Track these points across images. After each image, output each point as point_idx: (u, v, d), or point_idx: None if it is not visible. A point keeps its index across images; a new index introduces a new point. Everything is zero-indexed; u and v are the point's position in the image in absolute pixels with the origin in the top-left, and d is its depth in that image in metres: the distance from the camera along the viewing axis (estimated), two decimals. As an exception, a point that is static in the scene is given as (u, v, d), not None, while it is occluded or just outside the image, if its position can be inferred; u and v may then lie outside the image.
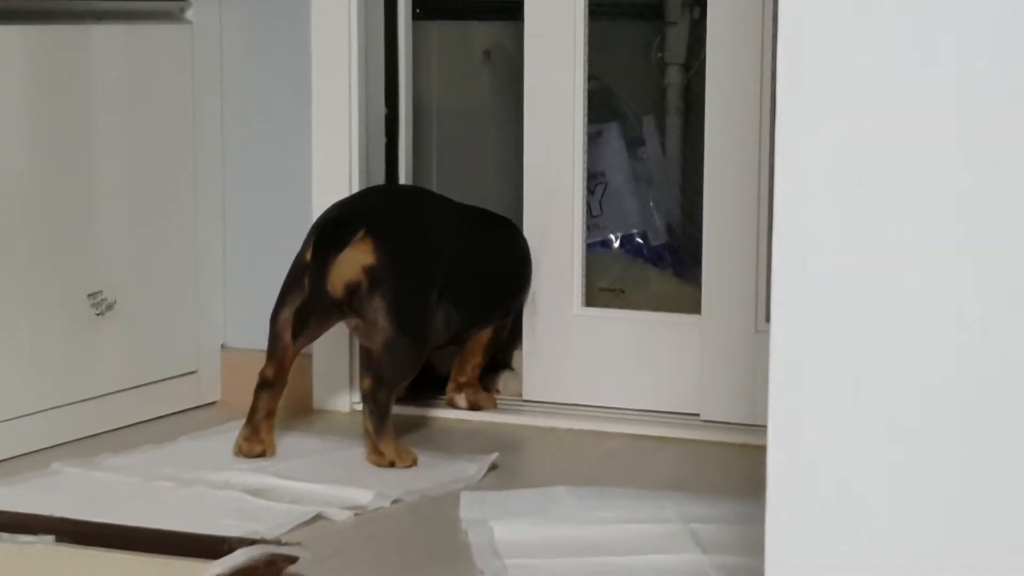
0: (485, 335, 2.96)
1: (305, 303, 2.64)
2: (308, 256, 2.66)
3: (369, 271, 2.62)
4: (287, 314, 2.67)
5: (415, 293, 2.68)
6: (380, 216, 2.70)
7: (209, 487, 2.49)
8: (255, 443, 2.68)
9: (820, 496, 1.52)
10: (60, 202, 2.78)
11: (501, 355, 3.09)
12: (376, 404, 2.63)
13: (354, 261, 2.63)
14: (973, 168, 1.46)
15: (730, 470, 2.66)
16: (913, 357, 1.49)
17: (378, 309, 2.63)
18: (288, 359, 2.70)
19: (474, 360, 2.99)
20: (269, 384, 2.69)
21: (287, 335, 2.67)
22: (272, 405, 2.70)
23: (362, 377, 2.67)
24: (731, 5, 2.86)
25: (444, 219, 2.81)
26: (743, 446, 2.78)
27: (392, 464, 2.62)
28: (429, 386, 3.00)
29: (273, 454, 2.68)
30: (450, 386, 3.01)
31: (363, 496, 2.45)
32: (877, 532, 1.50)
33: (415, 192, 2.99)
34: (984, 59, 1.45)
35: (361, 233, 2.64)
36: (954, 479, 1.48)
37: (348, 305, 2.64)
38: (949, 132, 1.47)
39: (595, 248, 3.31)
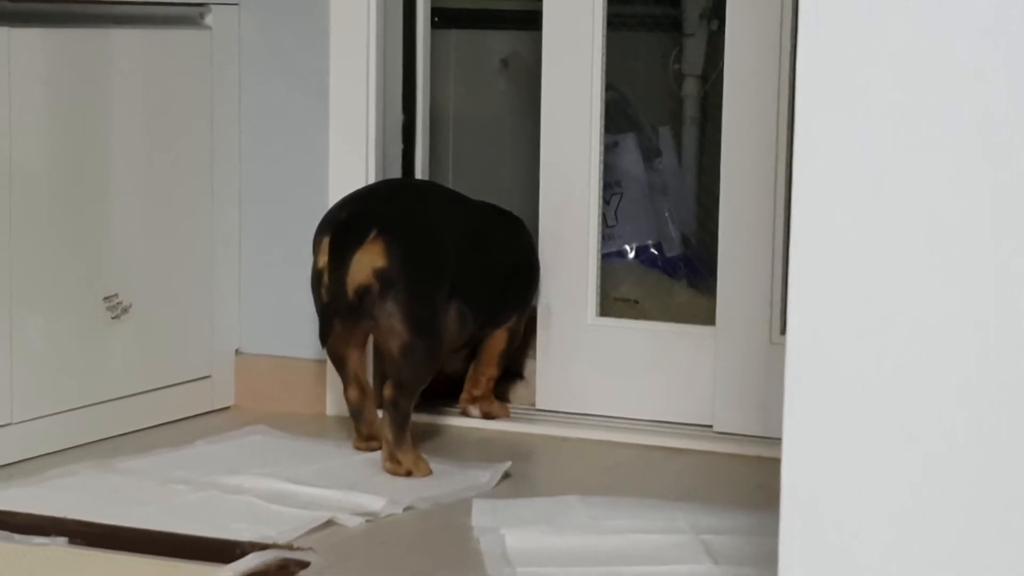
0: (498, 344, 2.95)
1: (326, 305, 2.64)
2: (321, 261, 2.65)
3: (380, 274, 2.61)
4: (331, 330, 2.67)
5: (427, 294, 2.66)
6: (390, 215, 2.67)
7: (222, 491, 2.50)
8: (372, 440, 2.72)
9: (834, 509, 1.52)
10: (77, 205, 2.79)
11: (513, 364, 3.09)
12: (397, 412, 2.62)
13: (365, 263, 2.61)
14: (994, 181, 1.46)
15: (743, 482, 2.66)
16: (931, 371, 1.49)
17: (392, 314, 2.62)
18: (357, 371, 2.71)
19: (488, 372, 2.97)
20: (358, 403, 2.72)
21: (340, 349, 2.69)
22: (373, 415, 2.73)
23: (383, 385, 2.66)
24: (749, 17, 2.86)
25: (451, 214, 2.79)
26: (756, 458, 2.77)
27: (409, 473, 2.62)
28: (442, 391, 3.00)
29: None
30: (463, 397, 3.00)
31: (375, 502, 2.45)
32: (891, 544, 1.50)
33: (420, 187, 2.97)
34: (1004, 69, 1.45)
35: (373, 234, 2.62)
36: (969, 494, 1.48)
37: (359, 307, 2.63)
38: (970, 145, 1.47)
39: (610, 258, 3.31)
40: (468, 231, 2.79)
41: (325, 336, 2.64)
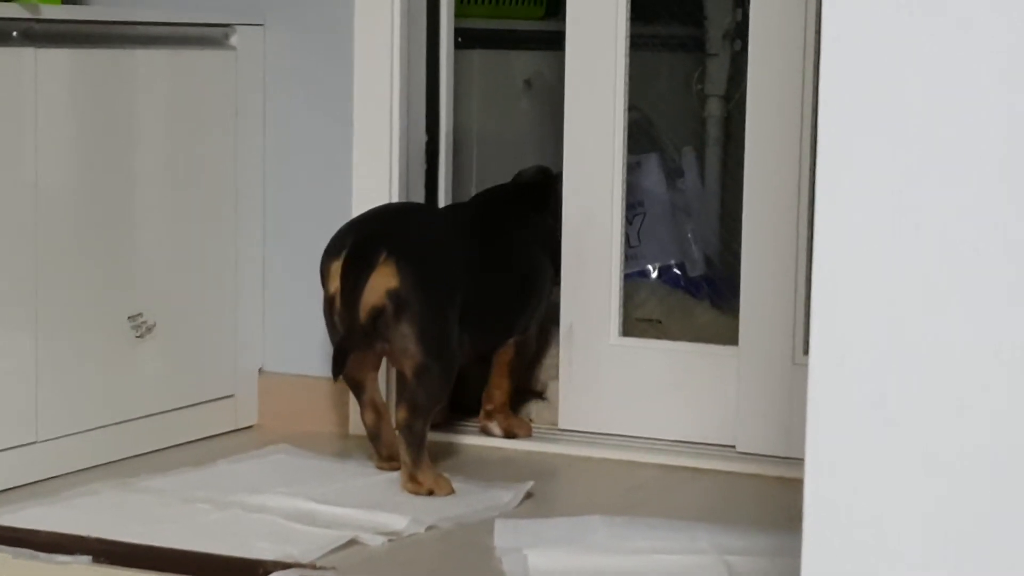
0: (506, 354, 2.92)
1: (341, 340, 2.60)
2: (333, 287, 2.62)
3: (393, 295, 2.59)
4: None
5: (440, 315, 2.64)
6: (398, 236, 2.65)
7: (245, 510, 2.50)
8: (393, 460, 2.71)
9: (856, 530, 1.52)
10: (102, 224, 2.80)
11: (532, 385, 3.08)
12: (412, 434, 2.61)
13: (378, 285, 2.59)
14: (1021, 203, 1.46)
15: (765, 502, 2.65)
16: (953, 392, 1.48)
17: (406, 335, 2.60)
18: (372, 394, 2.71)
19: (501, 386, 2.96)
20: (375, 426, 2.72)
21: (355, 373, 2.68)
22: (391, 436, 2.72)
23: (397, 408, 2.66)
24: (772, 37, 2.86)
25: (457, 231, 2.79)
26: (779, 479, 2.77)
27: (431, 493, 2.61)
28: (461, 409, 3.00)
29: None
30: (481, 414, 3.00)
31: (398, 522, 2.45)
32: (914, 565, 1.50)
33: (422, 207, 2.96)
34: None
35: (383, 256, 2.60)
36: (994, 516, 1.48)
37: (373, 330, 2.61)
38: (996, 166, 1.47)
39: (633, 278, 3.31)
40: (474, 246, 2.78)
41: (339, 370, 2.61)
